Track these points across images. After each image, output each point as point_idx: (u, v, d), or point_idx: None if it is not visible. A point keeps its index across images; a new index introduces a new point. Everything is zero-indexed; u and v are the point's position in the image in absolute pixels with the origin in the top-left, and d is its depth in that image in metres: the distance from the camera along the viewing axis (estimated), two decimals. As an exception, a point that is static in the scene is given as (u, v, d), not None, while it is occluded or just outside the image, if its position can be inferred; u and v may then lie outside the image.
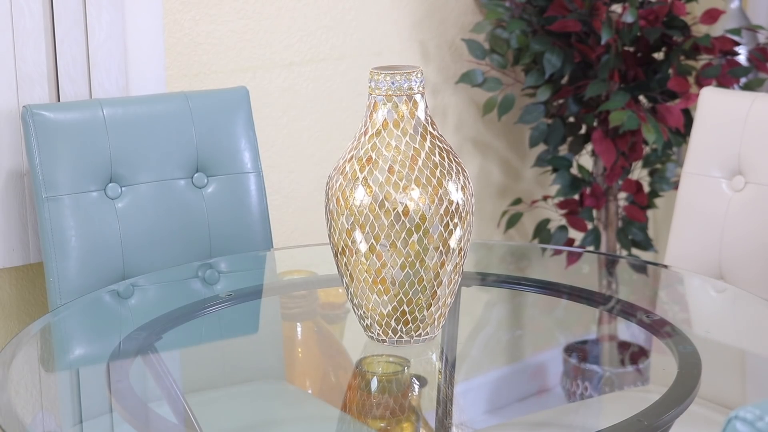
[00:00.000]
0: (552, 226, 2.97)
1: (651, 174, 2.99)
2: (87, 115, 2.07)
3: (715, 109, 2.19)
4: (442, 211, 1.58)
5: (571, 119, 2.92)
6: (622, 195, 3.07)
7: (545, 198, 2.98)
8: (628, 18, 2.66)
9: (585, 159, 3.03)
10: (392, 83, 1.60)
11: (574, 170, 2.97)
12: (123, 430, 1.54)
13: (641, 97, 2.85)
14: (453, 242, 1.60)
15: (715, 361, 1.66)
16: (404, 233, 1.57)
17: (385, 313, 1.61)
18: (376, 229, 1.57)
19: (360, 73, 2.73)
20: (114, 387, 1.59)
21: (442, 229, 1.58)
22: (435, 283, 1.60)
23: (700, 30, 3.06)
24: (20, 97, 2.10)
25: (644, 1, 2.80)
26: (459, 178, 1.61)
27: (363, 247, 1.58)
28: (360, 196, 1.58)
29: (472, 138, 3.02)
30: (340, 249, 1.62)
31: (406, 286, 1.59)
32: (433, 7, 2.87)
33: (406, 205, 1.57)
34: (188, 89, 2.38)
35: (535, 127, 2.88)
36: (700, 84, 2.75)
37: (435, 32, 2.88)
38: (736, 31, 2.82)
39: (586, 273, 2.23)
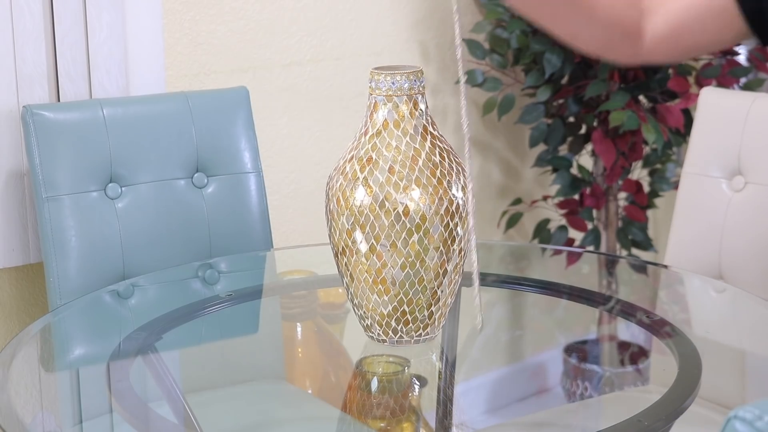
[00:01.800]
0: (552, 226, 2.97)
1: (651, 174, 2.99)
2: (87, 115, 2.07)
3: (715, 109, 2.19)
4: (442, 211, 1.58)
5: (571, 119, 2.92)
6: (622, 195, 3.07)
7: (545, 198, 2.98)
8: (628, 18, 2.66)
9: (585, 159, 3.04)
10: (392, 83, 1.60)
11: (574, 170, 2.97)
12: (123, 430, 1.54)
13: (641, 97, 2.85)
14: (453, 242, 1.60)
15: (715, 361, 1.66)
16: (404, 233, 1.57)
17: (385, 313, 1.61)
18: (377, 229, 1.57)
19: (360, 73, 2.73)
20: (114, 387, 1.59)
21: (442, 229, 1.58)
22: (435, 283, 1.60)
23: (700, 30, 3.05)
24: (20, 97, 2.10)
25: (644, 1, 2.80)
26: (459, 178, 1.61)
27: (363, 247, 1.58)
28: (360, 196, 1.58)
29: (472, 138, 3.02)
30: (340, 249, 1.62)
31: (407, 286, 1.59)
32: (433, 7, 2.87)
33: (406, 206, 1.57)
34: (188, 89, 2.38)
35: (535, 127, 2.88)
36: (700, 84, 2.75)
37: (435, 32, 2.88)
38: (736, 31, 2.81)
39: (586, 273, 2.23)
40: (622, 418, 1.39)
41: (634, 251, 3.00)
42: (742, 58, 2.95)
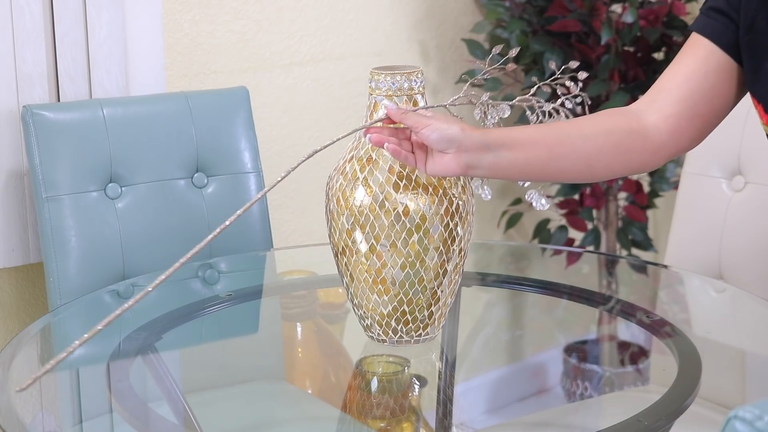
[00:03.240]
0: (552, 226, 2.97)
1: (651, 174, 2.99)
2: (87, 115, 2.07)
3: (715, 109, 2.18)
4: (442, 211, 1.58)
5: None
6: (622, 195, 3.07)
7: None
8: (628, 18, 2.66)
9: (585, 159, 3.03)
10: (392, 83, 1.60)
11: (574, 170, 2.96)
12: (123, 430, 1.54)
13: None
14: (453, 242, 1.60)
15: (715, 361, 1.66)
16: (404, 233, 1.57)
17: (385, 313, 1.61)
18: (377, 229, 1.57)
19: (360, 73, 2.73)
20: (114, 387, 1.59)
21: (442, 229, 1.58)
22: (435, 284, 1.60)
23: (700, 30, 3.05)
24: (20, 97, 2.10)
25: (644, 1, 2.80)
26: (459, 178, 1.61)
27: (363, 247, 1.58)
28: (360, 196, 1.58)
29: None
30: (340, 249, 1.62)
31: (407, 286, 1.59)
32: (433, 7, 2.87)
33: (406, 206, 1.57)
34: (188, 89, 2.38)
35: (535, 127, 2.88)
36: (700, 84, 2.75)
37: (435, 32, 2.88)
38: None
39: (586, 273, 2.23)
40: (622, 418, 1.39)
41: (634, 251, 3.00)
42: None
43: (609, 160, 1.59)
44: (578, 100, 1.61)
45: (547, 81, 1.63)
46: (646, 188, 3.02)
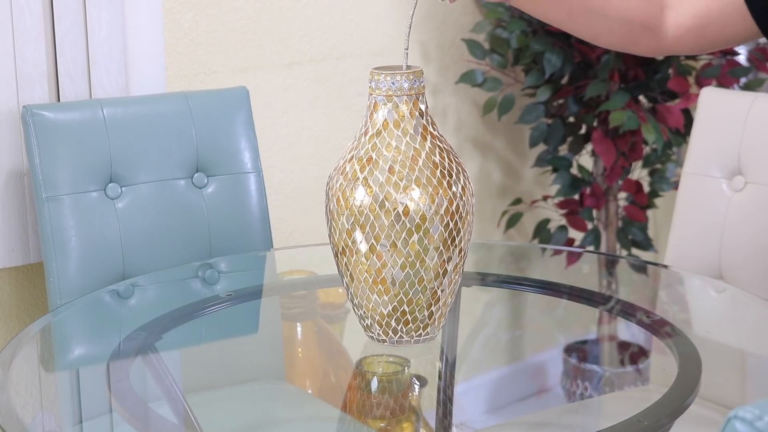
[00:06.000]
0: (552, 226, 2.97)
1: (651, 174, 2.99)
2: (87, 115, 2.07)
3: (715, 109, 2.19)
4: (442, 211, 1.58)
5: (571, 119, 2.92)
6: (622, 195, 3.07)
7: (545, 198, 2.98)
8: (628, 18, 2.66)
9: (585, 159, 3.04)
10: (392, 83, 1.60)
11: (574, 170, 2.97)
12: (123, 430, 1.54)
13: (641, 97, 2.85)
14: (453, 242, 1.60)
15: (715, 361, 1.66)
16: (404, 233, 1.57)
17: (385, 313, 1.61)
18: (377, 229, 1.57)
19: (360, 73, 2.73)
20: (114, 387, 1.59)
21: (442, 229, 1.58)
22: (435, 284, 1.60)
23: (700, 30, 3.06)
24: (20, 97, 2.10)
25: (644, 1, 2.80)
26: (459, 178, 1.61)
27: (363, 247, 1.58)
28: (360, 196, 1.58)
29: (472, 138, 3.02)
30: (340, 249, 1.62)
31: (407, 286, 1.59)
32: (433, 8, 2.87)
33: (406, 206, 1.57)
34: (188, 89, 2.38)
35: (535, 127, 2.88)
36: (700, 84, 2.75)
37: (435, 32, 2.88)
38: (736, 31, 2.81)
39: (586, 273, 2.23)
40: (622, 418, 1.39)
41: (634, 251, 3.01)
42: (742, 58, 2.95)
43: (614, 42, 1.74)
44: None
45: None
46: (646, 188, 3.02)
